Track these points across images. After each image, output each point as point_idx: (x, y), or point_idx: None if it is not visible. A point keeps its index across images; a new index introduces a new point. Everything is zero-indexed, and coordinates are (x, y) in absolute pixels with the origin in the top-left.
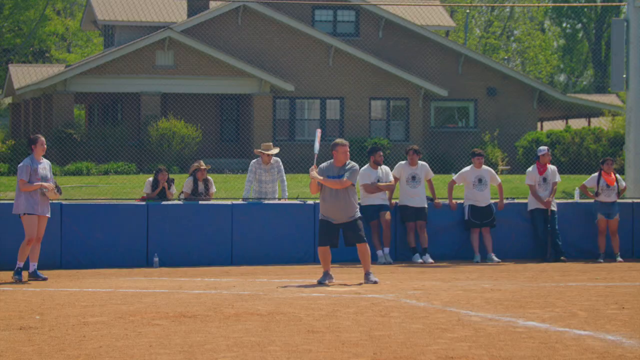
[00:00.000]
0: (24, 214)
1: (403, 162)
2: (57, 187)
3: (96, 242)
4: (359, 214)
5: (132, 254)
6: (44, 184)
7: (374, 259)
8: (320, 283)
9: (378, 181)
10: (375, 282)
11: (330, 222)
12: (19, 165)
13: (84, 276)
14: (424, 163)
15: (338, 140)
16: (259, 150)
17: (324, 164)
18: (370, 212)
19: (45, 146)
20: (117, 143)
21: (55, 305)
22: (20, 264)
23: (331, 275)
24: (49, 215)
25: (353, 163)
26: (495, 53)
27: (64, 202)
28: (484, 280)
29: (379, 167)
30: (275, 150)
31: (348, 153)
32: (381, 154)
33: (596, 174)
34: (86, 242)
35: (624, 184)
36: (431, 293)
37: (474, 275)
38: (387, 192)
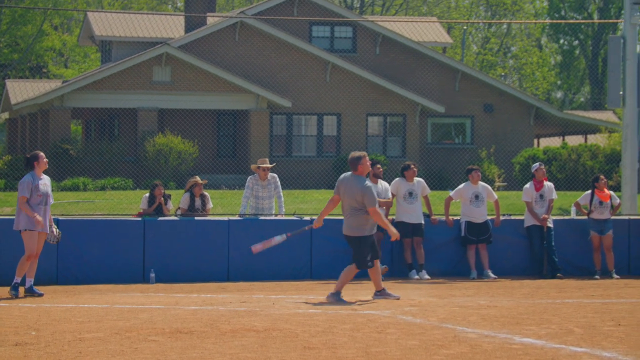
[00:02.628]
0: (25, 230)
1: (398, 178)
2: (58, 238)
3: (92, 258)
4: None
5: (128, 270)
6: (38, 217)
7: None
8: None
9: (377, 196)
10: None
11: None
12: (20, 182)
13: (80, 292)
14: (420, 179)
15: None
16: (255, 165)
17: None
18: None
19: (47, 160)
20: (114, 159)
21: (51, 321)
22: (17, 279)
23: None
24: (48, 232)
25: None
26: (492, 69)
27: (60, 217)
28: (481, 296)
29: (378, 182)
30: (269, 165)
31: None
32: (379, 167)
33: (589, 191)
34: (82, 257)
35: (618, 200)
36: (427, 309)
37: (471, 291)
38: (384, 208)
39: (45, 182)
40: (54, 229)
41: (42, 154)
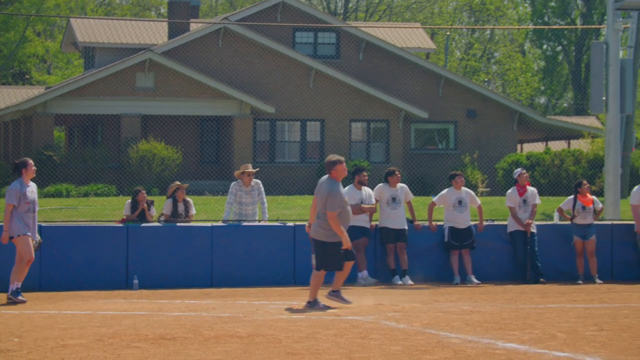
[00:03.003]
0: (18, 235)
1: (382, 184)
2: (39, 245)
3: (75, 264)
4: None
5: (111, 276)
6: (4, 237)
7: (355, 281)
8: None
9: (361, 202)
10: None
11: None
12: (7, 189)
13: (62, 298)
14: (403, 185)
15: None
16: (239, 172)
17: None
18: (351, 233)
19: (35, 168)
20: (97, 165)
21: (33, 328)
22: (17, 284)
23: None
24: (36, 238)
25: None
26: (476, 75)
27: (43, 223)
28: (464, 302)
29: (362, 188)
30: (254, 170)
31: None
32: (365, 174)
33: (572, 196)
34: (65, 264)
35: (600, 205)
36: (411, 315)
37: (454, 297)
38: (368, 214)
39: (32, 189)
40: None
41: (30, 161)
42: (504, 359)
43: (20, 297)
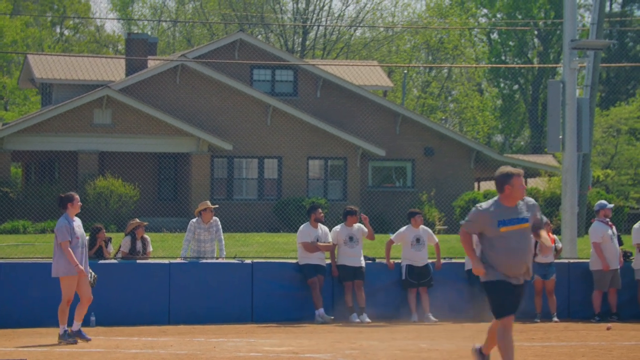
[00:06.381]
0: (65, 275)
1: (337, 226)
2: (95, 280)
3: (32, 301)
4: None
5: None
6: (80, 267)
7: (312, 318)
8: None
9: (317, 240)
10: None
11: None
12: (56, 227)
13: (19, 335)
14: (359, 224)
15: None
16: (200, 208)
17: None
18: (307, 271)
19: (80, 203)
20: (54, 201)
21: None
22: (63, 327)
23: None
24: (89, 272)
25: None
26: (433, 113)
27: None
28: (422, 340)
29: (318, 226)
30: (215, 206)
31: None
32: (321, 211)
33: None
34: (22, 301)
35: (560, 245)
36: (368, 353)
37: (412, 335)
38: (325, 252)
39: (78, 224)
40: (91, 272)
41: (76, 195)
42: None
43: (70, 339)
